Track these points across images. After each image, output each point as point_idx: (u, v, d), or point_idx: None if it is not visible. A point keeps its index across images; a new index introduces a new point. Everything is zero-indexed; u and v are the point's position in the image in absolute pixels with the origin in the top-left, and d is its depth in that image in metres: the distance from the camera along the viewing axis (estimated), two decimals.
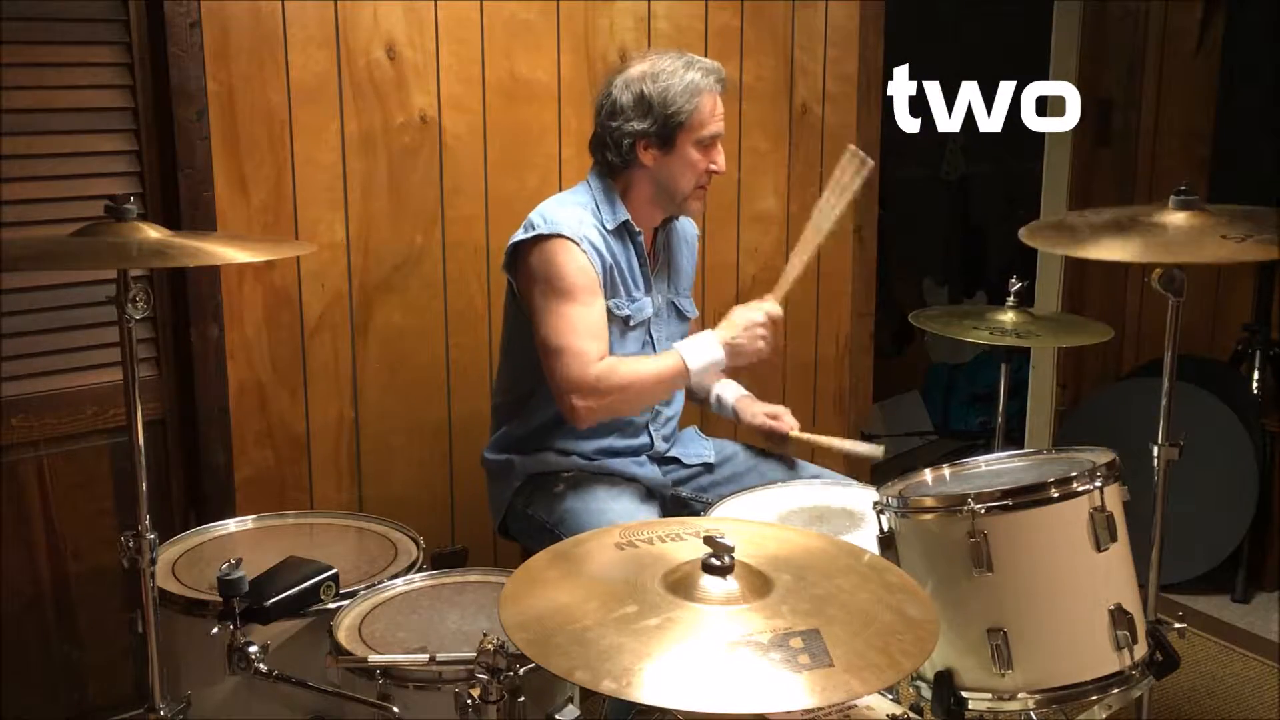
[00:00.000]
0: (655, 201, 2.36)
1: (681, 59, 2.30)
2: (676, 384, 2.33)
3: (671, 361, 2.27)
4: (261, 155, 2.55)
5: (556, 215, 2.26)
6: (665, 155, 2.30)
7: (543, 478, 2.37)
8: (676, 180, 2.32)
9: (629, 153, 2.30)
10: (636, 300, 2.37)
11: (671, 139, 2.28)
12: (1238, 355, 3.65)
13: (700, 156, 2.30)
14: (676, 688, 1.28)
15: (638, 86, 2.27)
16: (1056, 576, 1.81)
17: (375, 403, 2.76)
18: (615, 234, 2.32)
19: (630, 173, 2.34)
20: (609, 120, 2.31)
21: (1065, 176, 3.89)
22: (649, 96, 2.26)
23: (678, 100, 2.25)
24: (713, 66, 2.31)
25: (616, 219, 2.32)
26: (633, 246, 2.36)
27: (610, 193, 2.34)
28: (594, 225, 2.28)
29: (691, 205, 2.38)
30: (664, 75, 2.26)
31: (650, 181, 2.33)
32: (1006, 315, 2.61)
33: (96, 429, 2.46)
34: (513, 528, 2.43)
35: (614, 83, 2.31)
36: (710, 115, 2.29)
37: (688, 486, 2.49)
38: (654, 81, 2.26)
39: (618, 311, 2.32)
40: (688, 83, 2.26)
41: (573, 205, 2.31)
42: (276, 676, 1.80)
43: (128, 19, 2.39)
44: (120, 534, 1.79)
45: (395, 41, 2.65)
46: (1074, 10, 3.83)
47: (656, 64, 2.29)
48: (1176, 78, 3.86)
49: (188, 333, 2.52)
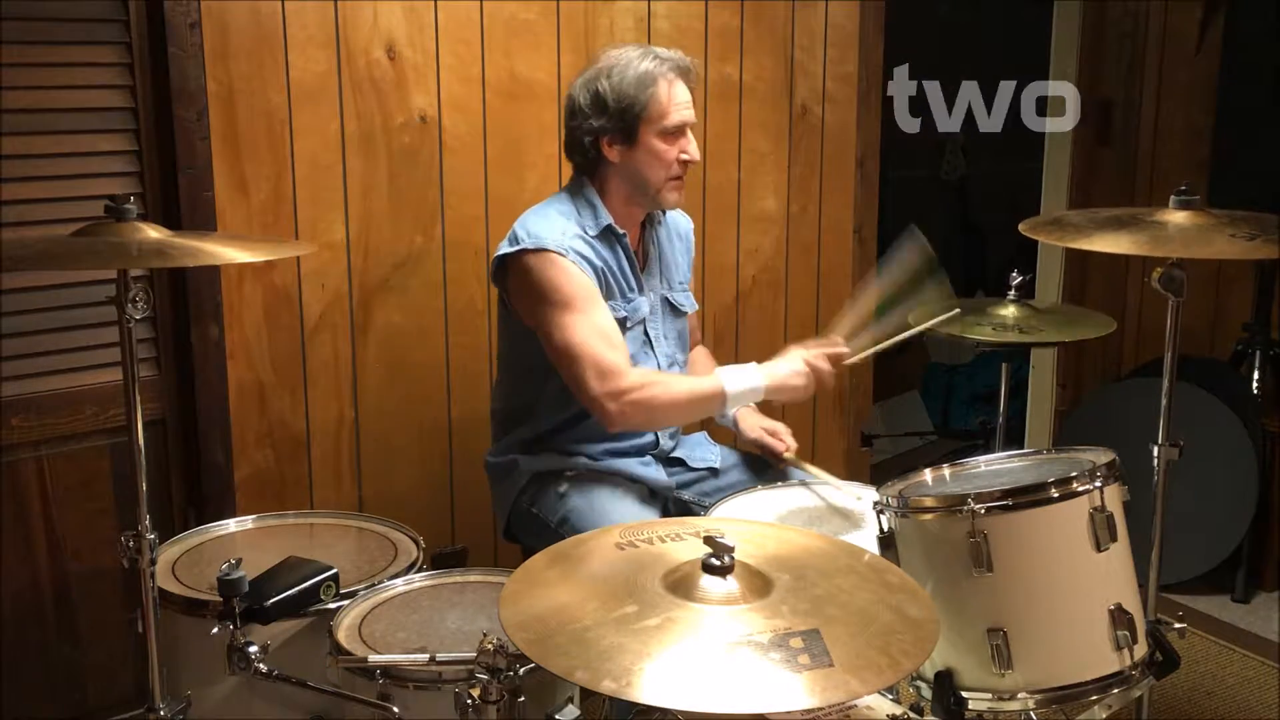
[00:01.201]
0: (631, 198, 2.35)
1: (638, 50, 2.29)
2: (712, 407, 2.31)
3: (711, 385, 2.26)
4: (261, 155, 2.55)
5: (539, 228, 2.25)
6: (629, 149, 2.28)
7: (547, 477, 2.36)
8: (645, 173, 2.30)
9: (594, 151, 2.30)
10: (632, 301, 2.37)
11: (632, 132, 2.27)
12: (1238, 355, 3.65)
13: (666, 146, 2.28)
14: (676, 688, 1.28)
15: (594, 85, 2.27)
16: (1056, 576, 1.81)
17: (375, 403, 2.76)
18: (601, 238, 2.31)
19: (602, 172, 2.33)
20: (570, 121, 2.31)
21: (1065, 176, 3.89)
22: (603, 93, 2.25)
23: (630, 91, 2.24)
24: (670, 55, 2.29)
25: (599, 224, 2.31)
26: (620, 248, 2.35)
27: (590, 197, 2.33)
28: (577, 234, 2.27)
29: (667, 196, 2.34)
30: (617, 70, 2.26)
31: (622, 178, 2.32)
32: (1007, 310, 2.60)
33: (96, 429, 2.46)
34: (517, 528, 2.43)
35: (575, 83, 2.32)
36: (670, 103, 2.26)
37: (691, 490, 2.49)
38: (608, 77, 2.26)
39: (614, 314, 2.31)
40: (640, 72, 2.25)
41: (554, 216, 2.30)
42: (276, 676, 1.80)
43: (128, 19, 2.38)
44: (120, 534, 1.79)
45: (395, 41, 2.65)
46: (1074, 10, 3.84)
47: (611, 58, 2.29)
48: (1176, 78, 3.86)
49: (188, 333, 2.52)
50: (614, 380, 2.17)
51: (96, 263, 1.77)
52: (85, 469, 2.47)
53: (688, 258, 2.56)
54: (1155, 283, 2.01)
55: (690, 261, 2.57)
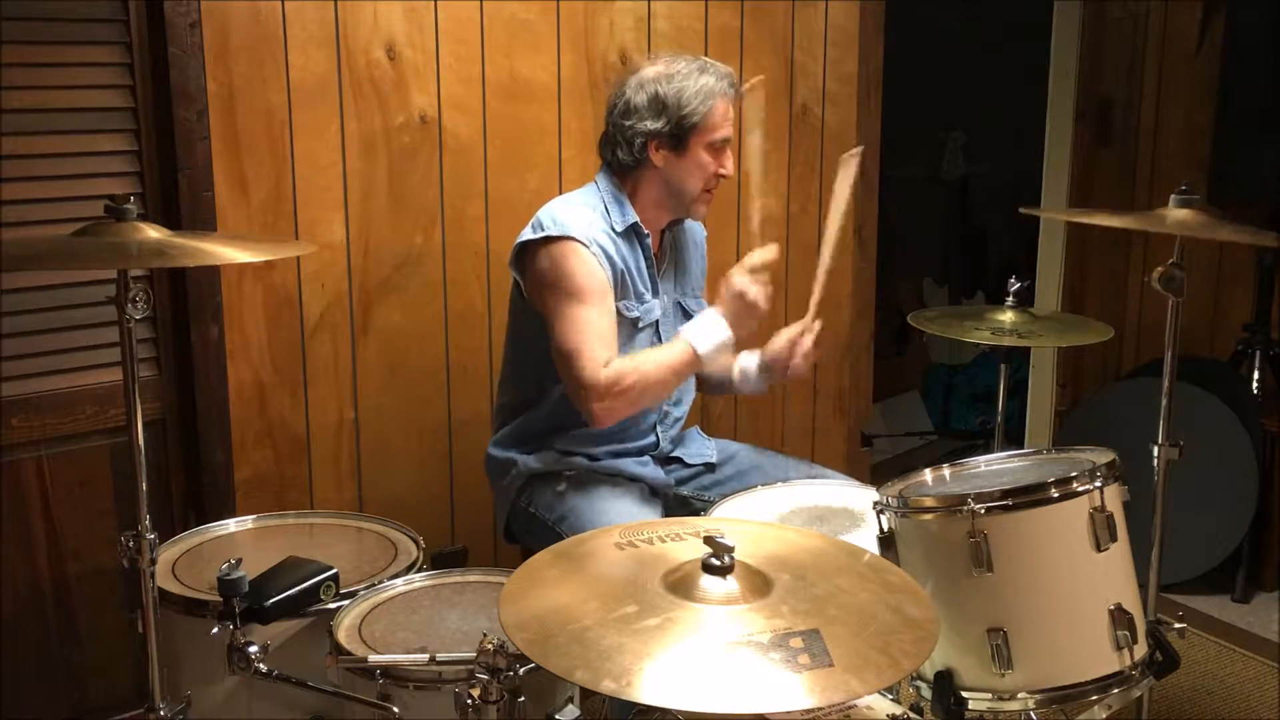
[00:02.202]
0: (663, 203, 2.37)
1: (696, 63, 2.31)
2: (690, 370, 2.29)
3: (680, 349, 2.25)
4: (261, 155, 2.55)
5: (566, 217, 2.26)
6: (676, 156, 2.30)
7: (546, 476, 2.37)
8: (685, 182, 2.33)
9: (640, 152, 2.31)
10: (646, 302, 2.37)
11: (684, 140, 2.29)
12: (1238, 355, 3.65)
13: (710, 159, 2.31)
14: (676, 688, 1.28)
15: (653, 87, 2.28)
16: (1056, 576, 1.81)
17: (375, 403, 2.76)
18: (624, 236, 2.32)
19: (640, 173, 2.34)
20: (622, 119, 2.31)
21: (1065, 176, 3.89)
22: (664, 97, 2.27)
23: (692, 102, 2.26)
24: (725, 71, 2.32)
25: (625, 221, 2.32)
26: (640, 249, 2.36)
27: (619, 194, 2.34)
28: (603, 228, 2.29)
29: (698, 208, 2.39)
30: (679, 77, 2.28)
31: (659, 183, 2.34)
32: (1006, 315, 2.61)
33: (96, 429, 2.46)
34: (516, 528, 2.43)
35: (628, 83, 2.32)
36: (722, 119, 2.30)
37: (689, 485, 2.49)
38: (669, 83, 2.28)
39: (627, 314, 2.32)
40: (702, 85, 2.27)
41: (582, 207, 2.31)
42: (276, 676, 1.80)
43: (128, 19, 2.38)
44: (120, 534, 1.79)
45: (395, 41, 2.65)
46: (1074, 10, 3.84)
47: (672, 66, 2.30)
48: (1176, 78, 3.86)
49: (188, 333, 2.52)
50: (598, 378, 2.18)
51: (96, 263, 1.77)
52: (85, 469, 2.47)
53: (701, 265, 2.58)
54: (1155, 282, 2.01)
55: (703, 269, 2.59)
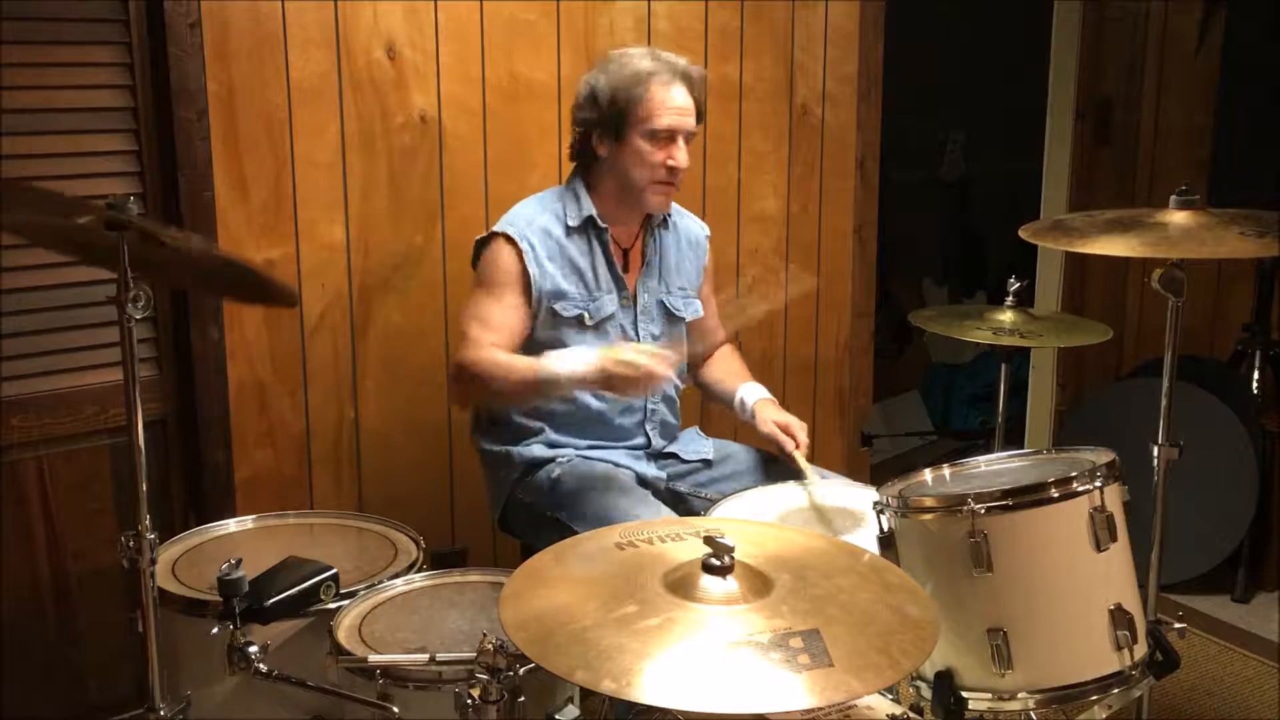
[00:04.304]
0: (619, 196, 2.35)
1: (642, 50, 2.32)
2: (535, 388, 2.17)
3: (528, 365, 2.17)
4: (261, 155, 2.55)
5: (514, 213, 2.33)
6: (617, 146, 2.29)
7: (540, 465, 2.37)
8: (629, 172, 2.30)
9: (585, 145, 2.33)
10: (596, 300, 2.35)
11: (620, 130, 2.27)
12: (1238, 355, 3.65)
13: (652, 149, 2.27)
14: (676, 688, 1.28)
15: (590, 78, 2.31)
16: (1056, 576, 1.81)
17: (375, 403, 2.76)
18: (579, 231, 2.33)
19: (595, 168, 2.36)
20: (575, 113, 2.35)
21: (1065, 176, 3.89)
22: (597, 88, 2.28)
23: (621, 89, 2.25)
24: (669, 59, 2.29)
25: (580, 215, 2.33)
26: (599, 244, 2.36)
27: (577, 189, 2.36)
28: (545, 226, 2.30)
29: (650, 200, 2.33)
30: (614, 67, 2.28)
31: (610, 175, 2.34)
32: (1006, 315, 2.61)
33: (96, 429, 2.46)
34: (511, 519, 2.43)
35: (581, 79, 2.35)
36: (660, 106, 2.25)
37: (686, 481, 2.49)
38: (604, 74, 2.29)
39: (564, 313, 2.31)
40: (633, 72, 2.25)
41: (534, 204, 2.36)
42: (276, 676, 1.80)
43: (128, 19, 2.39)
44: (120, 534, 1.79)
45: (395, 41, 2.65)
46: (1074, 10, 3.83)
47: (614, 57, 2.31)
48: (1176, 78, 3.86)
49: (188, 333, 2.52)
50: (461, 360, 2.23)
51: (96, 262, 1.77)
52: (85, 469, 2.47)
53: (698, 264, 2.55)
54: (1155, 283, 2.01)
55: (700, 268, 2.56)
